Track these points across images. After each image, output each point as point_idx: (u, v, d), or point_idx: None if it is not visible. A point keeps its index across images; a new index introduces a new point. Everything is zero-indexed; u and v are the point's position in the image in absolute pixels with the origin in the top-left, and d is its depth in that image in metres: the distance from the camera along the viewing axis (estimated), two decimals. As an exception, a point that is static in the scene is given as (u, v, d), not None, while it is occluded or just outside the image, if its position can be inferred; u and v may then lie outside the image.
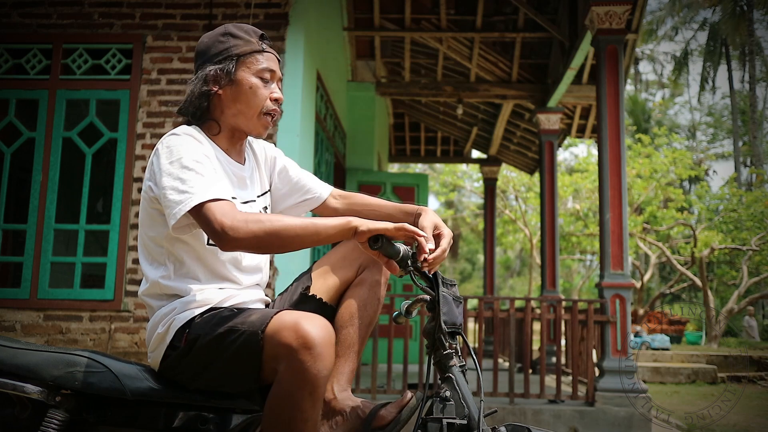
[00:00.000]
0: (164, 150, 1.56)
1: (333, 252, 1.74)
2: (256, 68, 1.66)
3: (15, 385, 1.46)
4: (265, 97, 1.66)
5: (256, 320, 1.46)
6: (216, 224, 1.44)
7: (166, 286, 1.61)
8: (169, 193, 1.50)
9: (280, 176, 1.85)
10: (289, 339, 1.36)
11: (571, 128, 9.17)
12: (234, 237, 1.43)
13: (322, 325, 1.39)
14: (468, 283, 32.71)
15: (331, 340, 1.39)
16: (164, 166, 1.53)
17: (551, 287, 7.81)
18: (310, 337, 1.35)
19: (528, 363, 5.11)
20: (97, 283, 4.67)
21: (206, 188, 1.49)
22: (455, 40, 7.49)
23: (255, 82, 1.65)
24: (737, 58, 25.78)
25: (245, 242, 1.45)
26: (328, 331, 1.39)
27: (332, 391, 1.63)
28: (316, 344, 1.35)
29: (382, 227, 1.47)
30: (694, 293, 21.11)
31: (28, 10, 4.78)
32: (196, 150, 1.56)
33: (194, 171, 1.51)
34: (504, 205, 18.18)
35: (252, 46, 1.67)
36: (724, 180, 24.53)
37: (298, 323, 1.38)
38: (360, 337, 1.68)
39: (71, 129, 4.68)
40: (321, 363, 1.35)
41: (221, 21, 4.74)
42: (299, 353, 1.35)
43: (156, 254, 1.63)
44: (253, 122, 1.67)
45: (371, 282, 1.70)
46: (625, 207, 5.09)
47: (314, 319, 1.40)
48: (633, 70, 29.06)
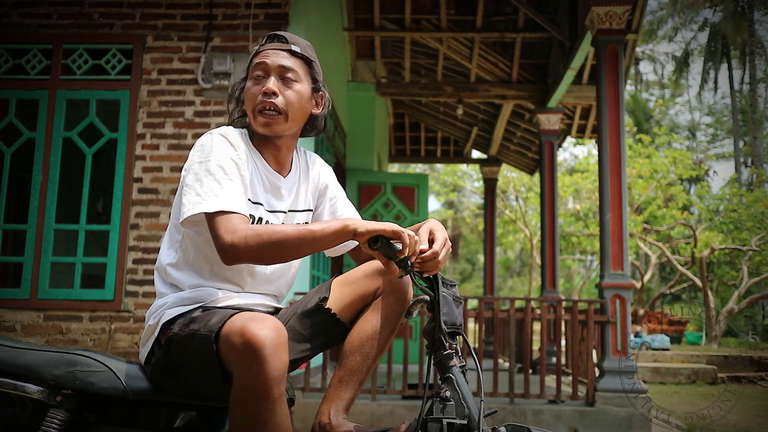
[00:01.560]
0: (198, 147, 1.61)
1: (357, 269, 1.73)
2: (251, 71, 1.68)
3: (16, 384, 1.46)
4: (255, 95, 1.66)
5: (213, 324, 1.45)
6: (218, 239, 1.48)
7: (171, 275, 1.64)
8: (187, 191, 1.55)
9: (328, 204, 1.86)
10: (236, 343, 1.35)
11: (572, 128, 9.17)
12: (234, 254, 1.47)
13: (270, 326, 1.36)
14: (468, 284, 32.71)
15: (280, 341, 1.36)
16: (193, 164, 1.58)
17: (551, 287, 7.81)
18: (255, 340, 1.33)
19: (528, 363, 5.10)
20: (97, 283, 4.67)
21: (218, 198, 1.51)
22: (455, 40, 7.49)
23: (248, 84, 1.68)
24: (738, 58, 25.78)
25: (245, 257, 1.47)
26: (276, 332, 1.36)
27: (328, 415, 1.62)
28: (262, 347, 1.33)
29: (380, 228, 1.46)
30: (694, 293, 21.11)
31: (28, 10, 4.78)
32: (226, 154, 1.58)
33: (214, 177, 1.54)
34: (504, 205, 18.18)
35: (254, 53, 1.70)
36: (724, 180, 24.55)
37: (244, 327, 1.36)
38: (366, 367, 1.66)
39: (71, 129, 4.68)
40: (269, 365, 1.33)
41: (221, 21, 4.75)
42: (246, 358, 1.34)
43: (174, 240, 1.67)
44: (254, 124, 1.67)
45: (387, 312, 1.68)
46: (625, 207, 5.09)
47: (262, 321, 1.37)
48: (633, 70, 29.05)
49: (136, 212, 4.59)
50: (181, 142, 4.63)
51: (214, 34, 4.74)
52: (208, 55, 4.70)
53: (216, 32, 4.74)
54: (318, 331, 1.68)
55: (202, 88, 4.66)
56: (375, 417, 4.73)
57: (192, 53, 4.72)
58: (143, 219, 4.58)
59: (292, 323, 1.69)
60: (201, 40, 4.73)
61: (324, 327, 1.68)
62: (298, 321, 1.69)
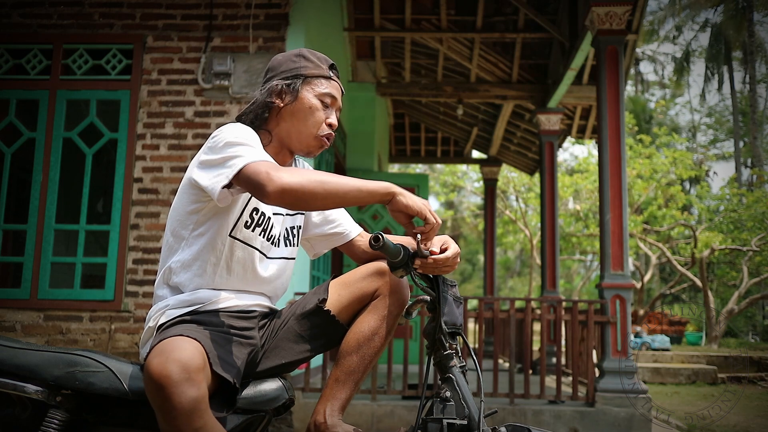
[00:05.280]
0: (219, 134, 1.60)
1: (355, 271, 1.74)
2: (319, 91, 1.73)
3: (15, 385, 1.46)
4: (322, 119, 1.72)
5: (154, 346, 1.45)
6: (263, 175, 1.45)
7: (175, 274, 1.64)
8: (218, 163, 1.54)
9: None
10: (145, 378, 1.37)
11: (572, 129, 9.17)
12: (280, 183, 1.43)
13: (176, 359, 1.34)
14: (468, 284, 32.72)
15: (184, 375, 1.33)
16: (217, 145, 1.57)
17: (551, 288, 7.81)
18: (159, 376, 1.33)
19: (528, 363, 5.10)
20: (97, 283, 4.67)
21: (255, 154, 1.52)
22: (455, 41, 7.49)
23: (315, 103, 1.72)
24: (738, 59, 25.78)
25: (291, 189, 1.44)
26: (180, 367, 1.34)
27: (324, 414, 1.62)
28: (166, 384, 1.32)
29: (417, 208, 1.49)
30: (694, 294, 21.10)
31: (28, 10, 4.78)
32: (251, 134, 1.62)
33: (245, 144, 1.55)
34: (504, 205, 18.17)
35: (321, 71, 1.74)
36: (724, 181, 24.52)
37: (150, 362, 1.36)
38: (363, 367, 1.66)
39: (71, 129, 4.68)
40: (174, 401, 1.32)
41: (221, 21, 4.75)
42: (151, 393, 1.35)
43: (179, 238, 1.66)
44: (305, 140, 1.72)
45: (385, 314, 1.68)
46: (625, 207, 5.09)
47: (169, 354, 1.36)
48: (633, 70, 29.05)
49: (136, 212, 4.59)
50: (181, 142, 4.64)
51: (214, 34, 4.74)
52: (209, 56, 4.70)
53: (216, 32, 4.74)
54: (317, 332, 1.69)
55: (202, 88, 4.66)
56: (375, 417, 4.73)
57: (192, 53, 4.72)
58: (143, 219, 4.58)
59: (291, 324, 1.70)
60: (201, 41, 4.73)
61: (323, 328, 1.69)
62: (297, 322, 1.70)
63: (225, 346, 1.52)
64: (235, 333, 1.60)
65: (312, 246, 1.93)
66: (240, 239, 1.66)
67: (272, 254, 1.74)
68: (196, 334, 1.46)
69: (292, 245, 1.81)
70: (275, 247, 1.75)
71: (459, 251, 1.60)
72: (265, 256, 1.72)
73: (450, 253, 1.57)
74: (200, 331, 1.50)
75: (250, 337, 1.63)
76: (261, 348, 1.67)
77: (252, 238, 1.68)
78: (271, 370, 1.67)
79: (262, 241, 1.71)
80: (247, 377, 1.62)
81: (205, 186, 1.56)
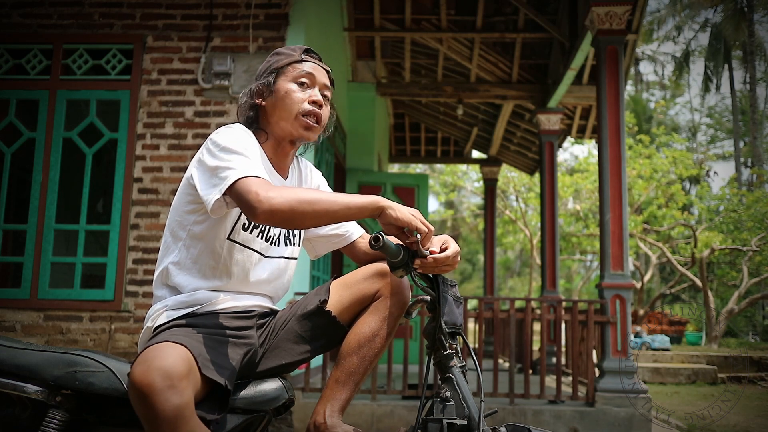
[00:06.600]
0: (215, 136, 1.62)
1: (356, 272, 1.74)
2: (293, 75, 1.73)
3: (15, 385, 1.46)
4: (302, 99, 1.71)
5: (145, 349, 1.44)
6: (252, 195, 1.46)
7: (173, 275, 1.64)
8: (212, 172, 1.55)
9: None
10: (129, 385, 1.37)
11: (572, 129, 9.17)
12: (269, 206, 1.45)
13: (158, 367, 1.33)
14: (468, 284, 32.72)
15: (167, 383, 1.33)
16: (212, 150, 1.59)
17: (551, 288, 7.81)
18: (141, 385, 1.32)
19: (528, 363, 5.10)
20: (97, 283, 4.67)
21: (247, 166, 1.53)
22: (455, 41, 7.49)
23: (290, 87, 1.72)
24: (738, 58, 25.78)
25: (280, 211, 1.45)
26: (162, 375, 1.33)
27: (323, 415, 1.62)
28: (149, 393, 1.31)
29: (406, 220, 1.50)
30: (694, 294, 21.10)
31: (28, 10, 4.78)
32: (246, 140, 1.63)
33: (240, 153, 1.56)
34: (504, 205, 18.17)
35: (291, 57, 1.75)
36: (724, 181, 24.53)
37: (133, 371, 1.35)
38: (363, 368, 1.67)
39: (71, 129, 4.68)
40: (157, 409, 1.31)
41: (221, 21, 4.75)
42: (135, 400, 1.34)
43: (177, 238, 1.66)
44: (291, 124, 1.71)
45: (386, 315, 1.69)
46: (625, 207, 5.09)
47: (151, 362, 1.34)
48: (633, 70, 29.05)
49: (136, 212, 4.59)
50: (181, 142, 4.64)
51: (214, 34, 4.74)
52: (209, 56, 4.70)
53: (216, 32, 4.74)
54: (317, 333, 1.69)
55: (202, 88, 4.66)
56: (375, 417, 4.73)
57: (192, 53, 4.72)
58: (143, 219, 4.58)
59: (292, 325, 1.70)
60: (201, 41, 4.73)
61: (323, 329, 1.69)
62: (298, 323, 1.70)
63: (217, 348, 1.51)
64: (231, 333, 1.59)
65: (313, 247, 1.92)
66: (238, 242, 1.66)
67: (271, 254, 1.74)
68: (184, 339, 1.44)
69: (292, 245, 1.81)
70: (275, 246, 1.75)
71: (459, 250, 1.60)
72: (264, 256, 1.72)
73: (450, 253, 1.57)
74: (191, 335, 1.49)
75: (246, 337, 1.63)
76: (260, 347, 1.67)
77: (250, 240, 1.68)
78: (271, 371, 1.67)
79: (261, 242, 1.71)
80: (247, 377, 1.62)
81: (200, 194, 1.58)
